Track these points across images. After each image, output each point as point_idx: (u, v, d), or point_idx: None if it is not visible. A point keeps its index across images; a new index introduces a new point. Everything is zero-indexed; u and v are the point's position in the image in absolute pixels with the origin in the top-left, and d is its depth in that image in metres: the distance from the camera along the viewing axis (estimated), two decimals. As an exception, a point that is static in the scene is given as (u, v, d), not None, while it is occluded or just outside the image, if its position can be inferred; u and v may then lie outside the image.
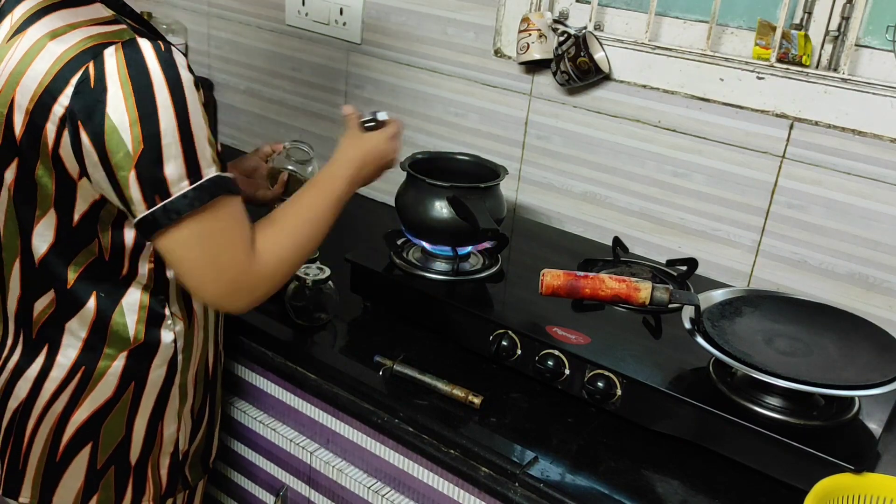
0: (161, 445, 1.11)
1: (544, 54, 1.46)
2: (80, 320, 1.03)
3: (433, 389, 1.12)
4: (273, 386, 1.26)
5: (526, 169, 1.61)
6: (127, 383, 1.05)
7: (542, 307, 1.21)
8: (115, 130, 0.87)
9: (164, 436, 1.10)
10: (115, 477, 1.09)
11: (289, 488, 1.27)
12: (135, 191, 0.89)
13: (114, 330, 1.03)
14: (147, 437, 1.09)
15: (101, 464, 1.08)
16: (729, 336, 1.06)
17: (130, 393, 1.06)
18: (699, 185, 1.42)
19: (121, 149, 0.87)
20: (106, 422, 1.06)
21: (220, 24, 1.99)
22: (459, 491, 1.07)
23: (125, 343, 1.04)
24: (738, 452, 1.02)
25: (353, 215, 1.81)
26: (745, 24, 1.38)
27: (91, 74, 0.87)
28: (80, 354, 1.04)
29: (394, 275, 1.28)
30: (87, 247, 0.99)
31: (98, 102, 0.87)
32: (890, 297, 1.29)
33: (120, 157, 0.88)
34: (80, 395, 1.04)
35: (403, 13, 1.68)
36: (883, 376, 0.99)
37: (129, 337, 1.04)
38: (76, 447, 1.06)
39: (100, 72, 0.87)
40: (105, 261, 1.00)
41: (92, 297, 1.02)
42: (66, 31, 0.90)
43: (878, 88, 1.22)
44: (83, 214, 0.96)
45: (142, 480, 1.11)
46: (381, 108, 1.77)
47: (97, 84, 0.87)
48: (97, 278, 1.01)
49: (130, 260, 1.01)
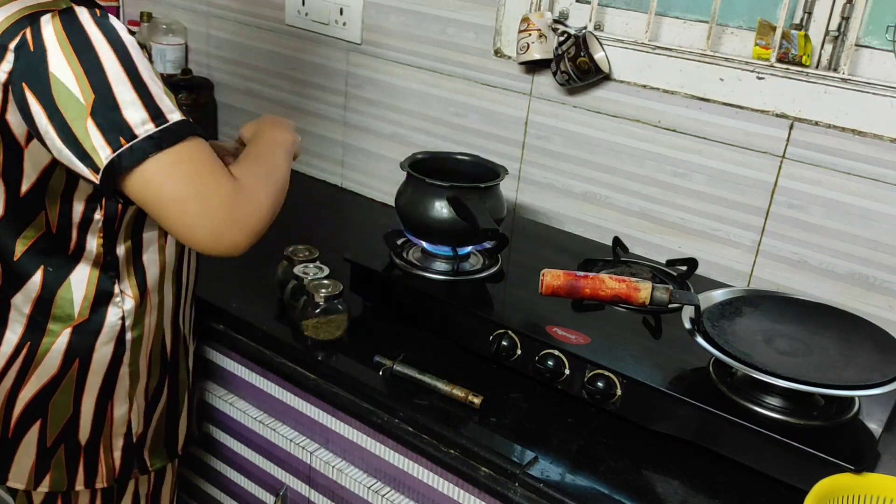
0: (112, 426, 1.09)
1: (544, 54, 1.46)
2: (25, 295, 1.02)
3: (433, 389, 1.12)
4: (273, 386, 1.26)
5: (526, 169, 1.61)
6: (71, 361, 1.04)
7: (542, 307, 1.21)
8: (63, 85, 0.87)
9: (115, 416, 1.09)
10: (65, 456, 1.08)
11: (288, 488, 1.27)
12: (95, 137, 0.88)
13: (58, 305, 1.02)
14: (96, 416, 1.08)
15: (51, 442, 1.07)
16: (729, 336, 1.06)
17: (75, 371, 1.05)
18: (699, 185, 1.42)
19: (71, 102, 0.87)
20: (52, 399, 1.05)
21: (220, 24, 1.99)
22: (459, 491, 1.07)
23: (69, 319, 1.03)
24: (738, 452, 1.02)
25: (353, 215, 1.82)
26: (745, 24, 1.38)
27: (29, 39, 0.87)
28: (26, 331, 1.03)
29: (394, 275, 1.28)
30: (35, 220, 0.98)
31: (40, 63, 0.87)
32: (890, 297, 1.29)
33: (72, 110, 0.87)
34: (26, 371, 1.04)
35: (403, 13, 1.68)
36: (883, 376, 0.99)
37: (73, 313, 1.03)
38: (26, 424, 1.06)
39: (37, 36, 0.87)
40: (53, 234, 0.99)
41: (38, 272, 1.01)
42: (3, 3, 0.91)
43: (878, 88, 1.22)
44: (31, 185, 0.95)
45: (93, 461, 1.10)
46: (382, 107, 1.78)
47: (36, 47, 0.87)
48: (45, 252, 1.00)
49: (79, 234, 1.00)
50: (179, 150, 0.90)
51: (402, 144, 1.76)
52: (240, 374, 1.30)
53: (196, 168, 0.91)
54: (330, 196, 1.87)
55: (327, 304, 1.20)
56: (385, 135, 1.79)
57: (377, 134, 1.80)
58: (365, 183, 1.86)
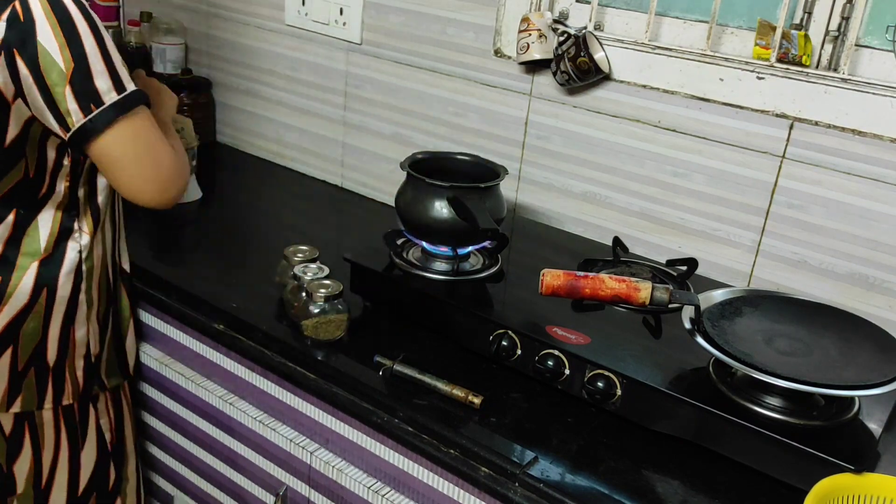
0: (74, 348, 1.23)
1: (544, 54, 1.46)
2: None
3: (433, 389, 1.12)
4: (273, 386, 1.26)
5: (526, 169, 1.61)
6: (40, 290, 1.18)
7: (542, 307, 1.21)
8: (48, 53, 1.02)
9: (76, 339, 1.23)
10: (35, 378, 1.21)
11: (288, 488, 1.27)
12: (71, 103, 1.04)
13: (26, 243, 1.17)
14: (61, 340, 1.21)
15: (22, 365, 1.19)
16: (729, 336, 1.06)
17: (44, 299, 1.18)
18: (699, 185, 1.42)
19: (54, 68, 1.03)
20: (23, 327, 1.18)
21: (220, 24, 1.99)
22: (459, 491, 1.07)
23: (36, 254, 1.17)
24: (738, 452, 1.02)
25: (353, 215, 1.82)
26: (745, 24, 1.38)
27: (19, 11, 1.02)
28: None
29: (394, 275, 1.28)
30: (16, 167, 1.12)
31: (29, 32, 1.02)
32: (890, 297, 1.29)
33: (54, 75, 1.03)
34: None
35: (403, 13, 1.68)
36: (883, 376, 0.99)
37: (41, 248, 1.17)
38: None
39: (26, 8, 1.02)
40: (30, 178, 1.13)
41: (11, 214, 1.15)
42: None
43: (878, 88, 1.22)
44: (15, 136, 1.09)
45: (60, 381, 1.23)
46: (381, 107, 1.78)
47: (26, 17, 1.02)
48: (18, 197, 1.14)
49: (51, 178, 1.15)
50: (133, 118, 1.08)
51: (402, 144, 1.76)
52: (240, 374, 1.30)
53: (147, 134, 1.11)
54: (330, 196, 1.87)
55: (327, 304, 1.21)
56: (385, 135, 1.79)
57: (377, 134, 1.80)
58: (365, 183, 1.86)
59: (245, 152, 2.06)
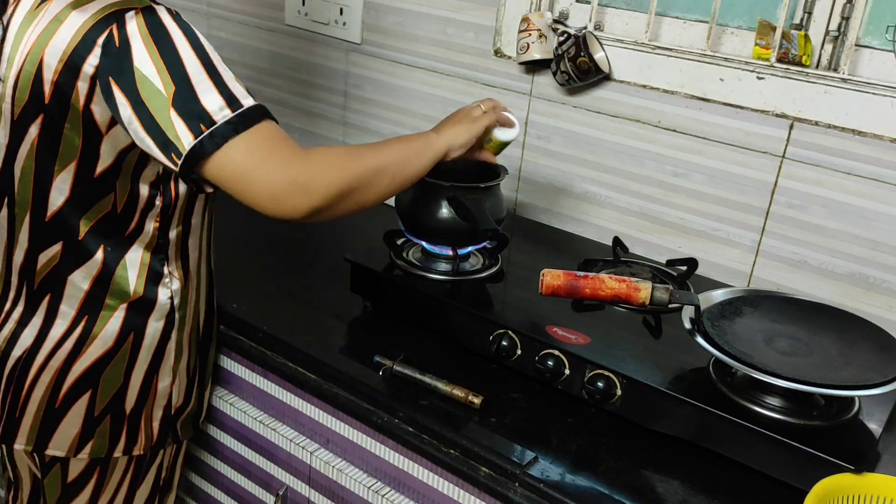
0: (155, 398, 1.16)
1: (544, 54, 1.46)
2: (86, 272, 1.08)
3: (433, 389, 1.12)
4: (273, 386, 1.26)
5: (526, 169, 1.61)
6: (126, 334, 1.11)
7: (542, 307, 1.21)
8: (146, 79, 0.95)
9: (159, 389, 1.16)
10: (110, 425, 1.14)
11: (289, 488, 1.27)
12: (178, 125, 0.95)
13: (116, 282, 1.09)
14: (143, 388, 1.14)
15: (99, 411, 1.13)
16: (729, 336, 1.06)
17: (129, 344, 1.11)
18: (699, 185, 1.42)
19: (155, 94, 0.95)
20: (105, 371, 1.11)
21: (220, 24, 1.99)
22: (459, 491, 1.07)
23: (125, 296, 1.10)
24: (738, 452, 1.02)
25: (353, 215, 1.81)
26: (745, 24, 1.38)
27: (115, 35, 0.95)
28: (83, 305, 1.09)
29: (394, 275, 1.28)
30: (104, 199, 1.04)
31: (125, 58, 0.95)
32: (890, 297, 1.29)
33: (156, 101, 0.95)
34: (82, 344, 1.10)
35: (403, 13, 1.68)
36: (883, 376, 0.99)
37: (130, 290, 1.10)
38: (76, 395, 1.12)
39: (123, 33, 0.95)
40: (117, 214, 1.06)
41: (100, 250, 1.07)
42: (87, 2, 0.98)
43: (878, 88, 1.22)
44: (107, 167, 1.02)
45: (135, 430, 1.16)
46: (381, 107, 1.78)
47: (122, 43, 0.95)
48: (106, 232, 1.07)
49: (140, 216, 1.07)
50: (254, 133, 0.97)
51: (402, 144, 1.76)
52: (240, 374, 1.30)
53: (267, 145, 0.98)
54: (330, 196, 1.87)
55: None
56: (385, 135, 1.79)
57: (377, 134, 1.80)
58: (365, 183, 1.86)
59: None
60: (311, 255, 1.55)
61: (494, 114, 1.21)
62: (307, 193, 0.99)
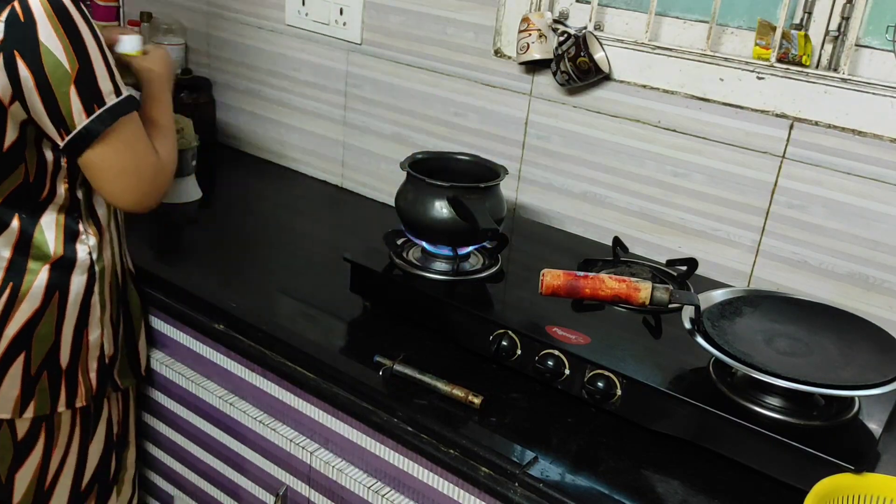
0: (88, 350, 1.23)
1: (544, 54, 1.46)
2: (4, 241, 1.15)
3: (433, 389, 1.12)
4: (273, 386, 1.26)
5: (526, 169, 1.61)
6: (52, 293, 1.17)
7: (542, 307, 1.21)
8: (51, 54, 1.02)
9: (90, 341, 1.23)
10: (48, 381, 1.20)
11: (288, 488, 1.27)
12: (75, 102, 1.04)
13: (35, 246, 1.16)
14: (74, 342, 1.21)
15: (35, 370, 1.19)
16: (729, 336, 1.06)
17: (56, 302, 1.18)
18: (699, 185, 1.42)
19: (58, 69, 1.02)
20: (36, 331, 1.17)
21: (220, 24, 1.99)
22: (459, 491, 1.07)
23: (46, 258, 1.16)
24: (738, 452, 1.02)
25: (353, 215, 1.82)
26: (745, 24, 1.38)
27: (18, 11, 1.00)
28: (7, 272, 1.15)
29: (394, 275, 1.28)
30: (15, 171, 1.11)
31: (31, 32, 1.01)
32: (890, 297, 1.29)
33: (59, 75, 1.02)
34: (10, 308, 1.15)
35: (403, 13, 1.68)
36: (883, 376, 0.99)
37: (50, 252, 1.17)
38: (11, 357, 1.17)
39: (26, 9, 1.01)
40: (30, 182, 1.12)
41: (14, 220, 1.14)
42: None
43: (878, 88, 1.22)
44: (13, 140, 1.08)
45: (73, 383, 1.23)
46: (382, 107, 1.78)
47: (26, 18, 1.00)
48: (20, 201, 1.13)
49: (51, 180, 1.14)
50: (126, 122, 1.10)
51: (402, 144, 1.76)
52: (240, 373, 1.30)
53: (135, 141, 1.13)
54: (330, 196, 1.87)
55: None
56: (385, 135, 1.79)
57: (377, 134, 1.80)
58: (365, 183, 1.86)
59: (245, 152, 2.06)
60: (311, 255, 1.55)
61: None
62: (158, 196, 1.18)
